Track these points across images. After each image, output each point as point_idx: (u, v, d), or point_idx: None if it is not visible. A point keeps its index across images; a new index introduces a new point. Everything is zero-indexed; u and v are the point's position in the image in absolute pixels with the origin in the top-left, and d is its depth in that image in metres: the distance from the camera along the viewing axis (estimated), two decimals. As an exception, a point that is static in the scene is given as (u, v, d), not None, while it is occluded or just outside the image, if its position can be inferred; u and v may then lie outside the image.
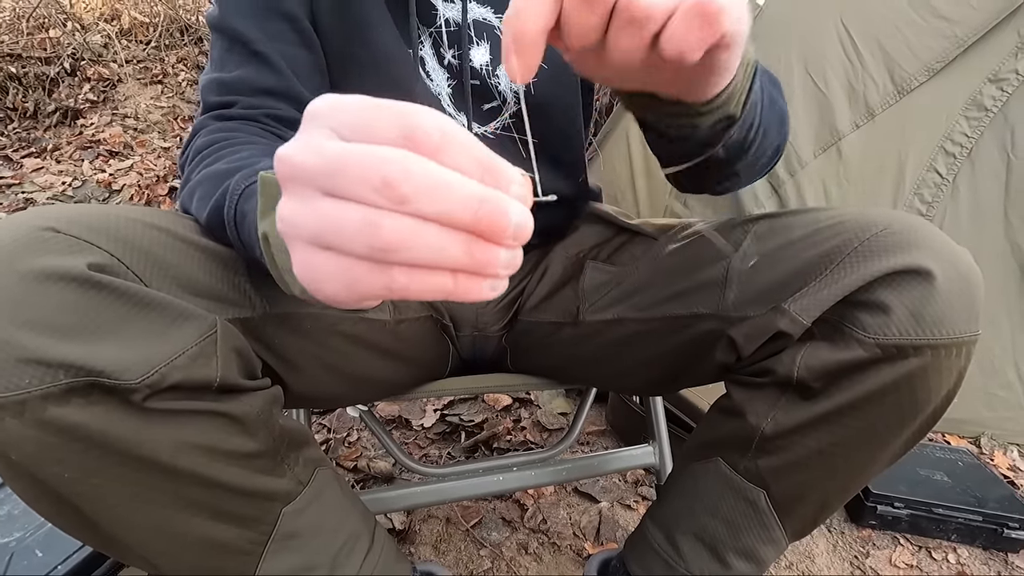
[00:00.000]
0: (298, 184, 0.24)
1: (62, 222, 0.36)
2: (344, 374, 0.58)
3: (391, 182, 0.22)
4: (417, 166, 0.22)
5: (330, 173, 0.22)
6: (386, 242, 0.22)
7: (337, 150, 0.22)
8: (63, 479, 0.36)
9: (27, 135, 2.72)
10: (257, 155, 0.48)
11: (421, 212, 0.22)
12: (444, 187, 0.22)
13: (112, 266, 0.36)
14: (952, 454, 1.20)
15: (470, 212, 0.23)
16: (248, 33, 0.57)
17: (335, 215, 0.22)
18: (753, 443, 0.52)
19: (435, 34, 0.64)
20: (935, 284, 0.42)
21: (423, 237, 0.22)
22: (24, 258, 0.33)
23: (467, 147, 0.23)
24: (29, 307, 0.33)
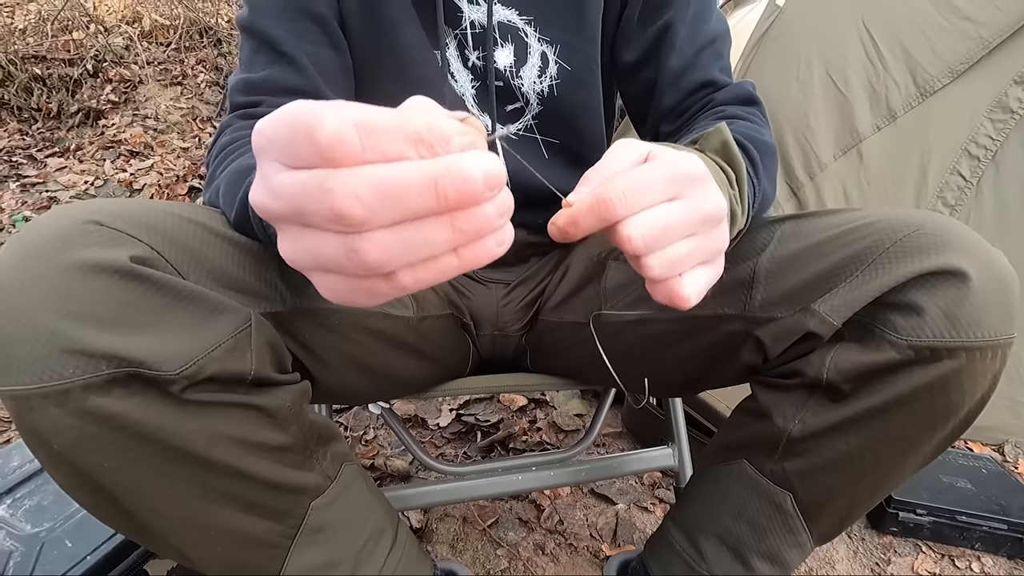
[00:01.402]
0: (279, 223, 0.25)
1: (105, 215, 0.37)
2: (369, 370, 0.59)
3: (343, 214, 0.22)
4: (357, 181, 0.22)
5: (293, 213, 0.23)
6: (371, 262, 0.23)
7: (287, 191, 0.23)
8: (102, 468, 0.36)
9: (51, 135, 2.77)
10: None
11: (387, 222, 0.22)
12: (393, 190, 0.22)
13: (152, 259, 0.37)
14: (976, 461, 1.18)
15: (431, 197, 0.22)
16: (276, 35, 0.57)
17: (318, 248, 0.23)
18: (780, 445, 0.52)
19: (460, 36, 0.64)
20: (970, 285, 0.42)
21: (403, 242, 0.23)
22: (69, 250, 0.34)
23: (389, 130, 0.22)
24: (73, 298, 0.34)
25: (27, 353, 0.33)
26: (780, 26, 1.55)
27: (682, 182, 0.34)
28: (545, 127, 0.69)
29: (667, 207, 0.33)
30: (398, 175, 0.22)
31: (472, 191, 0.23)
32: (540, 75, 0.66)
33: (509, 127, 0.33)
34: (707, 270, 0.36)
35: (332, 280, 0.24)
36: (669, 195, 0.33)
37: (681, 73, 0.64)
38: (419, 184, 0.22)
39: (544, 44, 0.65)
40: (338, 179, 0.22)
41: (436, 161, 0.22)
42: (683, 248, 0.34)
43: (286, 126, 0.23)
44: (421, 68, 0.63)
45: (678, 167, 0.34)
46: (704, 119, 0.60)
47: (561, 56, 0.65)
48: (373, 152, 0.22)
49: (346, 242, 0.22)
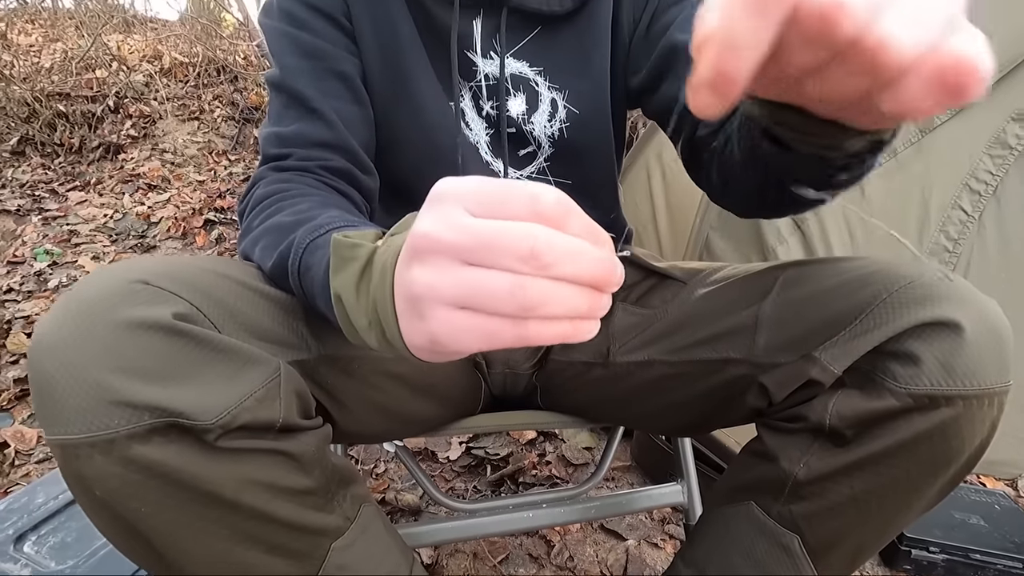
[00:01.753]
0: (437, 256, 0.28)
1: (150, 275, 0.39)
2: (387, 411, 0.61)
3: (538, 253, 0.27)
4: (557, 237, 0.27)
5: (477, 247, 0.27)
6: (532, 301, 0.27)
7: (484, 227, 0.28)
8: (140, 513, 0.38)
9: (72, 169, 2.86)
10: (316, 207, 0.51)
11: (559, 275, 0.27)
12: (577, 253, 0.28)
13: (192, 315, 0.40)
14: (988, 497, 1.17)
15: (596, 272, 0.28)
16: (305, 91, 0.61)
17: (484, 281, 0.27)
18: (786, 488, 0.53)
19: (475, 88, 0.68)
20: (964, 336, 0.44)
21: (559, 294, 0.28)
22: (119, 309, 0.37)
23: (580, 216, 0.29)
24: (122, 354, 0.36)
25: (77, 404, 0.35)
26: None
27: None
28: (556, 168, 0.72)
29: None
30: (581, 245, 0.28)
31: (612, 282, 0.29)
32: (550, 119, 0.69)
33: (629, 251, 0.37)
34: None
35: (462, 316, 0.28)
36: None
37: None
38: (592, 258, 0.28)
39: (554, 91, 0.68)
40: (538, 228, 0.27)
41: (605, 253, 0.29)
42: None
43: (502, 190, 0.28)
44: (437, 118, 0.67)
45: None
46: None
47: (570, 101, 0.68)
48: (567, 224, 0.28)
49: (516, 279, 0.27)
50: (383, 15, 0.64)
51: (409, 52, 0.65)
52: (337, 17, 0.64)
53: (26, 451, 1.24)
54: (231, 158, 3.17)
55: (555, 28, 0.66)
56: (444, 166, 0.68)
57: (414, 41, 0.65)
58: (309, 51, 0.62)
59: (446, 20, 0.65)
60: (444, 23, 0.65)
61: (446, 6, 0.64)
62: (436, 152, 0.68)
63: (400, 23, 0.64)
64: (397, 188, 0.70)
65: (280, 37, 0.63)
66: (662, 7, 0.65)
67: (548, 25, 0.66)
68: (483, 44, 0.66)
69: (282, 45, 0.63)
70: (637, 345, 0.66)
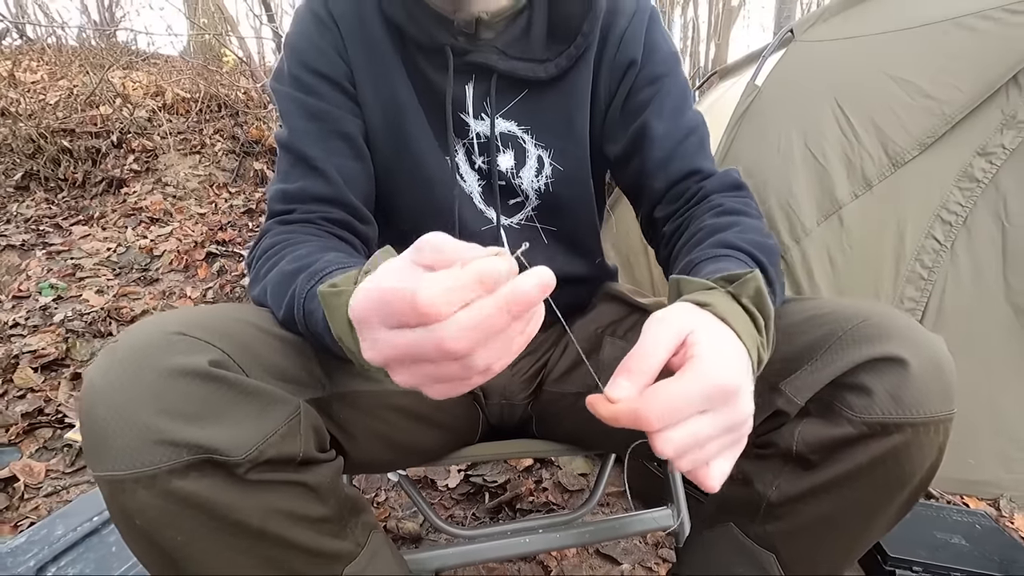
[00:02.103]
0: (398, 365, 0.36)
1: (185, 326, 0.45)
2: (393, 442, 0.65)
3: (453, 351, 0.32)
4: (455, 330, 0.31)
5: (410, 357, 0.34)
6: (482, 367, 0.34)
7: (402, 344, 0.34)
8: (175, 541, 0.43)
9: (75, 203, 2.92)
10: (315, 251, 0.57)
11: (483, 345, 0.33)
12: (482, 324, 0.32)
13: (224, 361, 0.45)
14: (970, 517, 1.21)
15: (507, 316, 0.32)
16: (309, 152, 0.68)
17: (440, 373, 0.35)
18: (761, 509, 0.58)
19: (467, 144, 0.75)
20: (910, 370, 0.49)
21: (498, 344, 0.33)
22: (160, 358, 0.42)
23: (463, 285, 0.32)
24: (165, 398, 0.41)
25: (125, 444, 0.40)
26: (759, 104, 1.68)
27: (716, 398, 0.37)
28: (543, 217, 0.79)
29: (698, 421, 0.37)
30: (482, 313, 0.32)
31: (532, 302, 0.33)
32: (537, 175, 0.76)
33: (526, 243, 0.40)
34: (732, 453, 0.41)
35: (444, 388, 0.36)
36: (702, 408, 0.37)
37: (665, 162, 0.72)
38: (497, 313, 0.32)
39: (540, 149, 0.75)
40: (443, 330, 0.31)
41: (501, 294, 0.32)
42: (711, 448, 0.39)
43: (384, 301, 0.33)
44: (433, 171, 0.74)
45: (714, 382, 0.37)
46: (705, 215, 0.66)
47: (555, 159, 0.75)
48: (455, 305, 0.32)
49: (461, 364, 0.33)
50: (384, 79, 0.71)
51: (408, 112, 0.72)
52: (341, 82, 0.70)
53: (35, 484, 1.27)
54: (231, 191, 3.24)
55: (540, 92, 0.73)
56: (442, 213, 0.74)
57: (412, 103, 0.72)
58: (315, 113, 0.69)
59: (441, 84, 0.71)
60: (439, 87, 0.71)
61: (441, 72, 0.71)
62: (434, 201, 0.74)
63: (399, 87, 0.71)
64: (397, 233, 0.76)
65: (289, 101, 0.69)
66: (637, 85, 0.72)
67: (534, 89, 0.73)
68: (475, 106, 0.73)
69: (290, 108, 0.69)
70: (625, 377, 0.71)
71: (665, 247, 0.72)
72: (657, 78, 0.73)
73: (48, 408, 1.54)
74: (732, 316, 0.44)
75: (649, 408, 0.36)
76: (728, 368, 0.39)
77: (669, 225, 0.72)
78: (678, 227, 0.70)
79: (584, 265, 0.82)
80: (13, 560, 0.77)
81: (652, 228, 0.77)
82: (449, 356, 0.32)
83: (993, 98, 1.43)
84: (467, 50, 0.70)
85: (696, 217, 0.68)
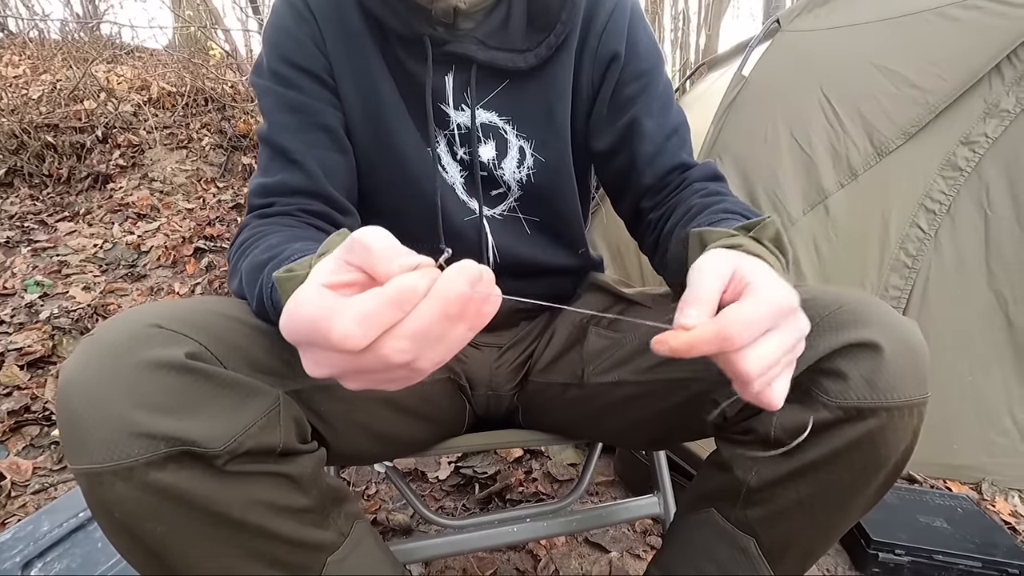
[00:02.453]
0: (339, 378, 0.36)
1: (163, 319, 0.45)
2: (376, 434, 0.65)
3: (397, 363, 0.32)
4: (398, 341, 0.32)
5: (343, 373, 0.35)
6: (428, 369, 0.34)
7: (335, 364, 0.34)
8: (155, 533, 0.43)
9: (61, 200, 2.88)
10: (285, 241, 0.57)
11: (426, 352, 0.33)
12: (418, 334, 0.32)
13: (201, 353, 0.45)
14: (952, 500, 1.23)
15: (446, 321, 0.32)
16: (289, 145, 0.67)
17: (388, 382, 0.35)
18: (741, 495, 0.59)
19: (449, 135, 0.74)
20: (883, 355, 0.50)
21: (443, 345, 0.33)
22: (138, 350, 0.42)
23: (378, 311, 0.31)
24: (141, 390, 0.41)
25: (102, 437, 0.40)
26: (746, 94, 1.68)
27: (784, 315, 0.40)
28: (526, 208, 0.79)
29: (774, 338, 0.39)
30: (421, 324, 0.31)
31: (465, 298, 0.32)
32: (519, 166, 0.76)
33: (448, 250, 0.38)
34: (789, 373, 0.42)
35: (394, 387, 0.36)
36: (770, 327, 0.39)
37: (654, 157, 0.73)
38: (436, 320, 0.32)
39: (522, 139, 0.75)
40: (383, 347, 0.32)
41: (435, 301, 0.31)
42: (777, 368, 0.40)
43: (308, 333, 0.33)
44: (415, 163, 0.73)
45: (778, 302, 0.39)
46: (692, 196, 0.68)
47: (536, 150, 0.75)
48: (374, 330, 0.31)
49: (406, 373, 0.34)
50: (363, 72, 0.71)
51: (388, 104, 0.71)
52: (320, 75, 0.70)
53: (22, 482, 1.26)
54: (219, 185, 3.21)
55: (521, 82, 0.73)
56: (424, 205, 0.74)
57: (392, 94, 0.71)
58: (295, 106, 0.68)
59: (421, 75, 0.71)
60: (419, 78, 0.71)
61: (421, 63, 0.70)
62: (416, 193, 0.74)
63: (379, 79, 0.71)
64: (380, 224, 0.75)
65: (269, 95, 0.69)
66: (623, 80, 0.73)
67: (514, 79, 0.72)
68: (455, 96, 0.73)
69: (271, 103, 0.69)
70: (608, 367, 0.72)
71: (651, 233, 0.74)
72: (643, 73, 0.73)
73: (35, 406, 1.52)
74: (763, 255, 0.47)
75: (730, 325, 0.37)
76: (784, 289, 0.41)
77: (654, 213, 0.73)
78: (663, 213, 0.72)
79: (568, 256, 0.82)
80: (-2, 556, 0.77)
81: (637, 218, 0.78)
82: (393, 367, 0.32)
83: (976, 87, 1.44)
84: (446, 40, 0.69)
85: (683, 200, 0.69)
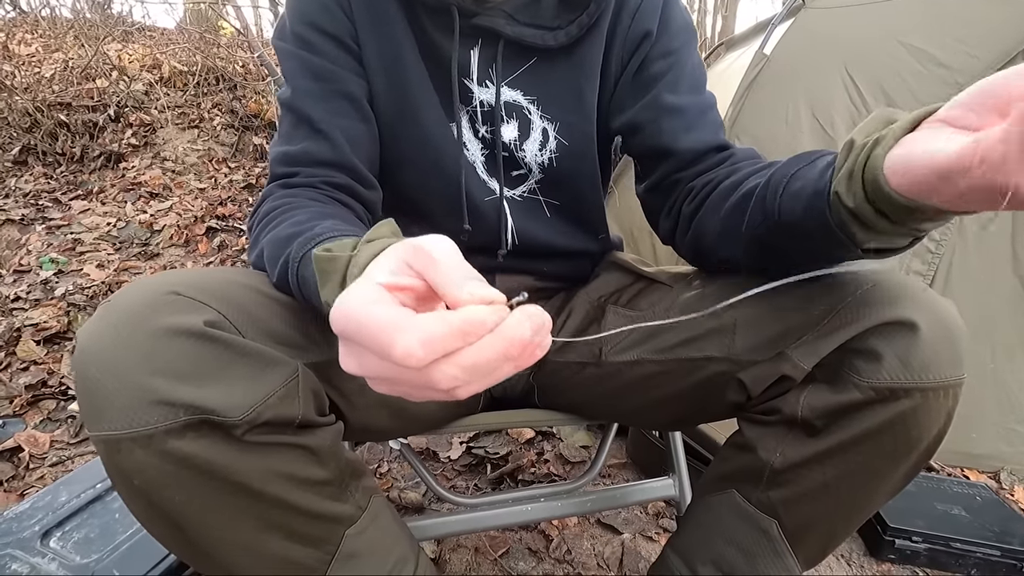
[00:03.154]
0: (368, 379, 0.33)
1: (180, 286, 0.44)
2: (393, 410, 0.65)
3: (442, 388, 0.30)
4: (451, 369, 0.29)
5: (385, 380, 0.32)
6: (464, 397, 0.31)
7: (385, 372, 0.31)
8: (174, 502, 0.43)
9: (74, 178, 2.89)
10: (314, 217, 0.55)
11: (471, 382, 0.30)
12: (475, 367, 0.29)
13: (220, 322, 0.44)
14: (970, 489, 1.22)
15: (502, 360, 0.29)
16: (313, 113, 0.65)
17: (421, 395, 0.32)
18: (764, 476, 0.57)
19: (471, 112, 0.72)
20: (920, 334, 0.48)
21: (485, 381, 0.30)
22: (155, 317, 0.41)
23: (444, 338, 0.28)
24: (158, 358, 0.40)
25: (120, 404, 0.40)
26: (768, 73, 1.64)
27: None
28: (546, 190, 0.76)
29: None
30: (478, 356, 0.29)
31: (529, 347, 0.30)
32: (541, 148, 0.73)
33: (524, 293, 0.33)
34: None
35: (423, 399, 0.33)
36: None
37: (689, 129, 0.68)
38: (494, 358, 0.29)
39: (545, 121, 0.72)
40: (434, 373, 0.29)
41: (498, 339, 0.29)
42: None
43: (364, 336, 0.30)
44: (438, 139, 0.71)
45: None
46: (748, 165, 0.63)
47: (560, 133, 0.72)
48: (434, 355, 0.28)
49: (444, 395, 0.31)
50: (388, 39, 0.68)
51: (412, 75, 0.69)
52: (345, 40, 0.67)
53: (39, 455, 1.28)
54: (231, 165, 3.21)
55: (549, 61, 0.70)
56: (445, 183, 0.72)
57: (417, 65, 0.69)
58: (318, 73, 0.66)
59: (446, 47, 0.68)
60: (444, 50, 0.69)
61: (447, 34, 0.68)
62: (438, 169, 0.72)
63: (404, 48, 0.68)
64: (401, 200, 0.74)
65: (292, 59, 0.67)
66: (651, 57, 0.70)
67: (542, 58, 0.70)
68: (479, 73, 0.70)
69: (294, 67, 0.66)
70: (627, 345, 0.70)
71: (691, 201, 0.68)
72: (671, 51, 0.70)
73: (51, 380, 1.54)
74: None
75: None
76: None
77: (698, 180, 0.67)
78: (710, 181, 0.65)
79: (587, 240, 0.80)
80: (18, 525, 0.78)
81: (669, 189, 0.72)
82: (437, 389, 0.30)
83: (1008, 65, 1.39)
84: (474, 12, 0.67)
85: (737, 171, 0.63)
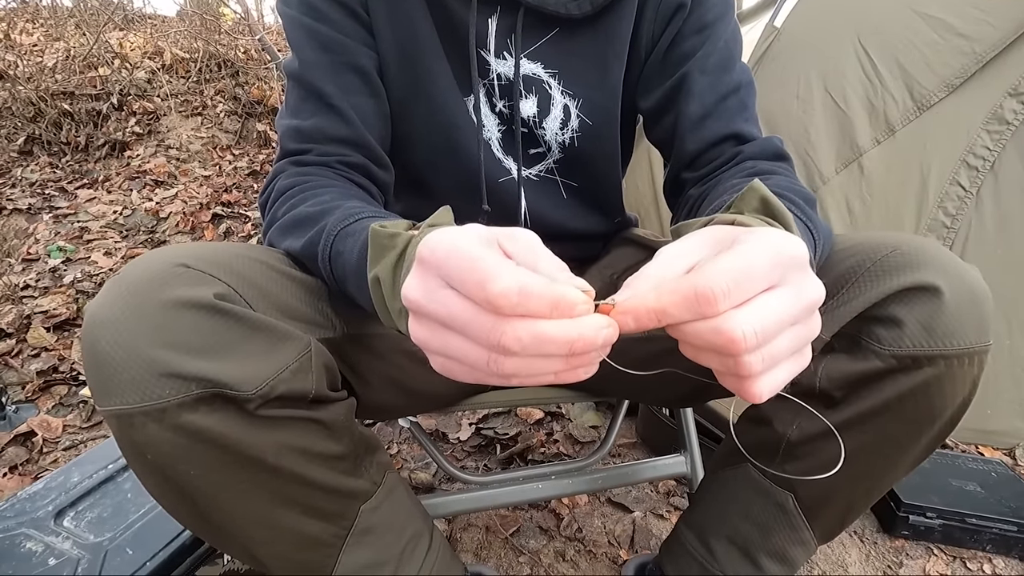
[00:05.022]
0: (424, 319, 0.31)
1: (191, 259, 0.43)
2: (404, 387, 0.64)
3: (507, 348, 0.28)
4: (523, 330, 0.27)
5: (454, 324, 0.29)
6: (504, 373, 0.29)
7: (457, 308, 0.29)
8: (188, 476, 0.42)
9: (79, 167, 2.90)
10: (338, 198, 0.54)
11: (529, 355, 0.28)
12: (543, 340, 0.28)
13: (230, 295, 0.43)
14: (985, 465, 1.21)
15: (565, 349, 0.28)
16: (323, 87, 0.62)
17: (464, 351, 0.29)
18: (780, 449, 0.57)
19: (488, 85, 0.69)
20: (943, 299, 0.47)
21: (532, 367, 0.29)
22: (164, 289, 0.40)
23: (539, 296, 0.27)
24: (168, 330, 0.40)
25: (131, 378, 0.39)
26: (778, 46, 1.61)
27: (786, 266, 0.30)
28: (565, 171, 0.73)
29: (773, 297, 0.29)
30: (548, 332, 0.28)
31: (593, 351, 0.29)
32: (562, 127, 0.69)
33: (614, 298, 0.31)
34: (793, 361, 0.32)
35: (453, 364, 0.31)
36: (772, 282, 0.30)
37: (702, 120, 0.64)
38: (561, 340, 0.28)
39: (567, 97, 0.68)
40: (508, 327, 0.28)
41: (574, 325, 0.28)
42: (784, 342, 0.30)
43: (464, 267, 0.29)
44: (453, 115, 0.68)
45: (780, 249, 0.30)
46: (735, 176, 0.60)
47: (583, 110, 0.69)
48: (520, 309, 0.27)
49: (491, 357, 0.29)
50: (399, 7, 0.64)
51: (426, 46, 0.65)
52: (355, 9, 0.64)
53: (52, 439, 1.29)
54: (235, 152, 3.20)
55: (573, 32, 0.66)
56: (460, 161, 0.69)
57: (432, 36, 0.65)
58: (327, 44, 0.63)
59: (463, 16, 0.65)
60: (461, 19, 0.65)
61: (463, 2, 0.64)
62: (453, 146, 0.69)
63: (417, 18, 0.65)
64: (411, 179, 0.72)
65: (299, 28, 0.63)
66: (684, 33, 0.65)
67: (566, 28, 0.66)
68: (497, 43, 0.66)
69: (301, 37, 0.63)
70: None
71: (686, 214, 0.65)
72: (706, 26, 0.64)
73: (62, 367, 1.55)
74: (746, 223, 0.37)
75: (712, 280, 0.28)
76: (788, 237, 0.31)
77: (695, 188, 0.65)
78: (704, 191, 0.63)
79: (602, 223, 0.78)
80: (32, 505, 0.79)
81: (677, 190, 0.70)
82: (492, 347, 0.28)
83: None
84: None
85: (725, 179, 0.61)
